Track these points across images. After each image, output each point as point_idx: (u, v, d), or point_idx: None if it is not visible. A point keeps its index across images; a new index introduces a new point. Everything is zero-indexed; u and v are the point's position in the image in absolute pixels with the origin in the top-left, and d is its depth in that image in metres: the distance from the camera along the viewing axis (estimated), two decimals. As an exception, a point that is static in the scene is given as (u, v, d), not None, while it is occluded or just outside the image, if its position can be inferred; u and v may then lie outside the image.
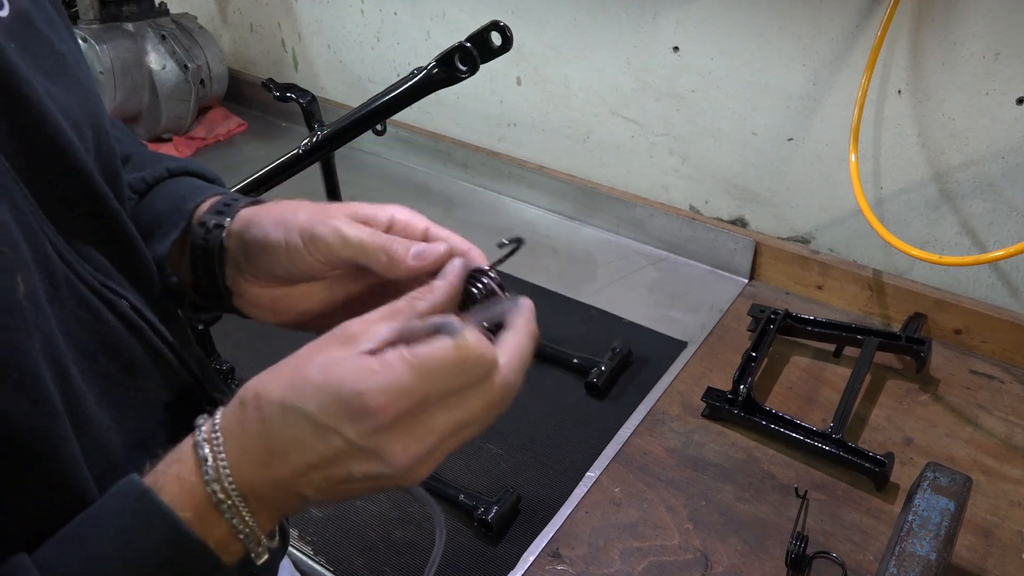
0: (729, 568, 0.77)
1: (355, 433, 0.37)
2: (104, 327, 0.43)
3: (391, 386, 0.37)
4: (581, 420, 0.95)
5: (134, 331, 0.45)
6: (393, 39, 1.42)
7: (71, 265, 0.42)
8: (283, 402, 0.38)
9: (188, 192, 0.54)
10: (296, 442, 0.38)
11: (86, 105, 0.45)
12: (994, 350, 1.01)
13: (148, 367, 0.46)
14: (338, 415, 0.37)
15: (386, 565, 0.79)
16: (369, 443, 0.38)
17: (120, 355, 0.44)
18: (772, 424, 0.89)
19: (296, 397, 0.38)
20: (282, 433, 0.38)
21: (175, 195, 0.54)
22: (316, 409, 0.37)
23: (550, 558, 0.78)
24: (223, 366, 0.98)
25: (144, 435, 0.46)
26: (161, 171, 0.55)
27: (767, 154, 1.10)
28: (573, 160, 1.31)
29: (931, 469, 0.75)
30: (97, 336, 0.43)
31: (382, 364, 0.37)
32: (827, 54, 0.99)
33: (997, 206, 0.96)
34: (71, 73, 0.45)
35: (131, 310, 0.45)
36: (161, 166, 0.56)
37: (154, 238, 0.52)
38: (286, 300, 0.51)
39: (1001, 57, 0.88)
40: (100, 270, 0.44)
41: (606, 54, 1.17)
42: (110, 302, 0.44)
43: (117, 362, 0.44)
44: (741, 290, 1.14)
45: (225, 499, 0.38)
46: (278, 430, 0.38)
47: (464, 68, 0.81)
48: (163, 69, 1.48)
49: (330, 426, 0.37)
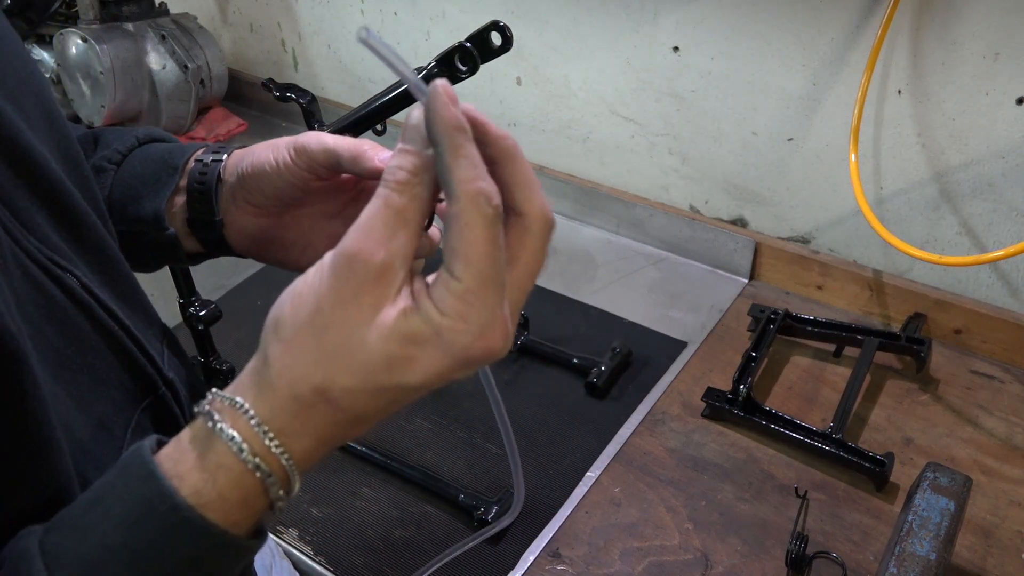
0: (729, 568, 0.77)
1: (471, 370, 0.37)
2: (50, 301, 0.43)
3: (487, 318, 0.35)
4: (581, 420, 0.95)
5: (81, 307, 0.45)
6: (393, 39, 1.42)
7: (15, 238, 0.41)
8: (374, 385, 0.36)
9: (170, 153, 0.57)
10: (395, 403, 0.37)
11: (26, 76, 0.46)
12: (994, 350, 1.01)
13: (97, 344, 0.46)
14: (452, 369, 0.36)
15: (386, 565, 0.79)
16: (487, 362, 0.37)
17: (68, 330, 0.44)
18: (772, 424, 0.89)
19: (390, 377, 0.35)
20: (377, 408, 0.37)
21: (155, 157, 0.57)
22: (423, 377, 0.35)
23: (550, 558, 0.78)
24: (223, 366, 0.98)
25: (103, 417, 0.46)
26: (131, 140, 0.58)
27: (767, 154, 1.10)
28: (573, 160, 1.31)
29: (931, 469, 0.75)
30: (43, 310, 0.42)
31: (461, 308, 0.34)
32: (827, 54, 0.99)
33: (997, 206, 0.96)
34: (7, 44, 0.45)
35: (79, 286, 0.44)
36: (130, 135, 0.59)
37: (145, 197, 0.55)
38: (273, 231, 0.55)
39: (1001, 57, 0.88)
40: (48, 244, 0.44)
41: (606, 54, 1.17)
42: (56, 276, 0.43)
43: (65, 337, 0.43)
44: (741, 290, 1.14)
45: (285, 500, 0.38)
46: (372, 409, 0.37)
47: (464, 68, 0.81)
48: (163, 69, 1.48)
49: (443, 379, 0.36)
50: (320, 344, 0.36)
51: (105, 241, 0.49)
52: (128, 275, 0.52)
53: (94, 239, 0.48)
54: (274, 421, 0.37)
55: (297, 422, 0.37)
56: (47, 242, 0.44)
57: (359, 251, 0.35)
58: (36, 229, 0.43)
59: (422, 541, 0.81)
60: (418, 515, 0.84)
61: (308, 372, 0.36)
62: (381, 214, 0.35)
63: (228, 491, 0.36)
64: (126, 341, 0.48)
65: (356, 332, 0.35)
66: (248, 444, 0.36)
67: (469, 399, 0.97)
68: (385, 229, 0.35)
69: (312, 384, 0.36)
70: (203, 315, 0.94)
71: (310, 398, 0.36)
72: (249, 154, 0.54)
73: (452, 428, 0.93)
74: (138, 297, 0.53)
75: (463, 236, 0.34)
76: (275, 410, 0.37)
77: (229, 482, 0.36)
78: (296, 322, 0.37)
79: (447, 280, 0.35)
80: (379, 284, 0.35)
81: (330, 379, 0.36)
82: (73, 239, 0.46)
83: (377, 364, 0.35)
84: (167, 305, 1.02)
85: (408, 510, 0.85)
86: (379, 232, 0.35)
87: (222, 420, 0.37)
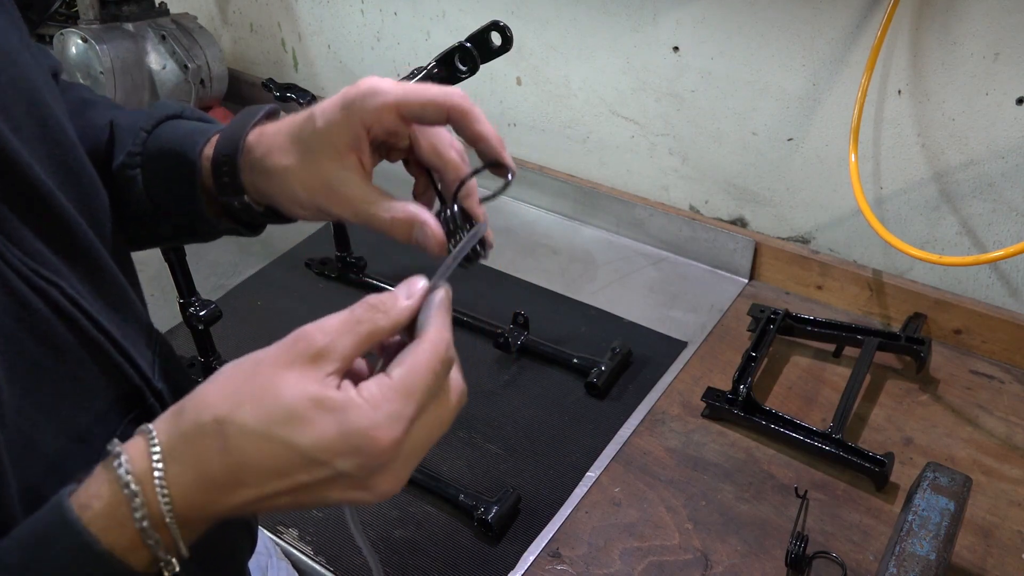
0: (729, 568, 0.77)
1: (352, 467, 0.37)
2: (32, 315, 0.42)
3: (391, 417, 0.37)
4: (581, 420, 0.95)
5: (65, 319, 0.44)
6: (393, 39, 1.42)
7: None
8: (266, 432, 0.37)
9: (184, 140, 0.55)
10: (275, 471, 0.37)
11: (18, 82, 0.45)
12: (994, 350, 1.01)
13: (81, 356, 0.46)
14: (338, 451, 0.37)
15: (386, 565, 0.79)
16: (363, 475, 0.38)
17: (49, 342, 0.44)
18: (772, 424, 0.89)
19: (283, 429, 0.37)
20: (258, 463, 0.37)
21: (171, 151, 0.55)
22: (310, 443, 0.37)
23: (550, 558, 0.78)
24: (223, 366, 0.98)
25: (83, 429, 0.46)
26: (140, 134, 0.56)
27: (767, 154, 1.10)
28: (573, 160, 1.31)
29: (931, 469, 0.75)
30: (24, 324, 0.42)
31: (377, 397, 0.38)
32: (827, 54, 0.99)
33: (997, 206, 0.96)
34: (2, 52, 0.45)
35: (63, 297, 0.44)
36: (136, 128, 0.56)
37: (178, 203, 0.55)
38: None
39: (1001, 57, 0.88)
40: (31, 255, 0.43)
41: (606, 54, 1.17)
42: (39, 289, 0.43)
43: (46, 349, 0.43)
44: (741, 290, 1.14)
45: (156, 535, 0.37)
46: (255, 459, 0.37)
47: (464, 68, 0.81)
48: (163, 69, 1.48)
49: (324, 460, 0.37)
50: (241, 385, 0.38)
51: (95, 249, 0.49)
52: (119, 283, 0.51)
53: (83, 247, 0.48)
54: (168, 444, 0.38)
55: (188, 449, 0.38)
56: (32, 254, 0.44)
57: (308, 332, 0.39)
58: (22, 241, 0.43)
59: (422, 541, 0.81)
60: (418, 515, 0.84)
61: (218, 403, 0.38)
62: (342, 317, 0.40)
63: (108, 506, 0.37)
64: (112, 352, 0.47)
65: (277, 384, 0.38)
66: (132, 464, 0.37)
67: (469, 399, 0.96)
68: (340, 327, 0.39)
69: (215, 414, 0.37)
70: (203, 315, 0.94)
71: (208, 427, 0.37)
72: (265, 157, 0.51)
73: (452, 428, 0.92)
74: (129, 305, 0.52)
75: (416, 355, 0.39)
76: (174, 436, 0.38)
77: (111, 499, 0.37)
78: (233, 368, 0.39)
79: (380, 376, 0.39)
80: (312, 362, 0.38)
81: (233, 413, 0.37)
82: (61, 248, 0.46)
83: (279, 413, 0.37)
84: (167, 305, 1.03)
85: (408, 510, 0.85)
86: (332, 327, 0.39)
87: (120, 443, 0.38)
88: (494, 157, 0.49)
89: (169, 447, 0.38)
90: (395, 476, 0.39)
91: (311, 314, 0.41)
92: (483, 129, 0.48)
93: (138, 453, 0.38)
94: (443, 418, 0.42)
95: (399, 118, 0.47)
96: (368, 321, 0.40)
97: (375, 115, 0.47)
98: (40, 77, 0.48)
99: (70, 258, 0.47)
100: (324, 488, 0.38)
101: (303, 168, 0.49)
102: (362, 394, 0.38)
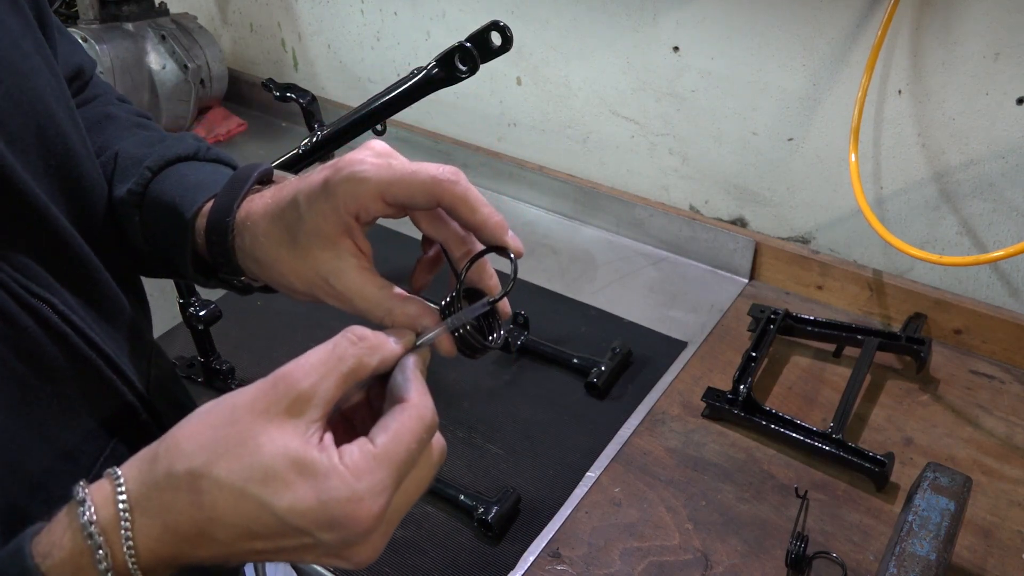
0: (729, 568, 0.77)
1: (332, 538, 0.36)
2: (20, 332, 0.42)
3: (374, 489, 0.36)
4: (581, 420, 0.95)
5: (55, 337, 0.43)
6: (393, 39, 1.42)
7: None
8: (241, 489, 0.35)
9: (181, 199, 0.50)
10: (247, 531, 0.36)
11: (18, 92, 0.44)
12: (994, 350, 1.01)
13: (70, 373, 0.45)
14: (316, 521, 0.35)
15: (386, 565, 0.79)
16: (340, 546, 0.37)
17: (37, 360, 0.43)
18: (772, 424, 0.89)
19: (260, 488, 0.35)
20: (231, 521, 0.36)
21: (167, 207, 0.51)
22: (287, 508, 0.35)
23: (550, 558, 0.78)
24: (223, 366, 0.98)
25: (70, 447, 0.45)
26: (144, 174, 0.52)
27: (767, 154, 1.10)
28: (573, 160, 1.31)
29: (931, 469, 0.75)
30: (10, 342, 0.41)
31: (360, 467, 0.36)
32: (827, 54, 0.99)
33: (997, 206, 0.96)
34: (0, 60, 0.43)
35: (54, 314, 0.43)
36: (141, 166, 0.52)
37: (171, 256, 0.51)
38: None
39: (1001, 57, 0.88)
40: (22, 271, 0.43)
41: (606, 54, 1.17)
42: (30, 306, 0.42)
43: (32, 367, 0.42)
44: (741, 290, 1.14)
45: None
46: (226, 517, 0.35)
47: (464, 68, 0.81)
48: (163, 69, 1.48)
49: (300, 527, 0.35)
50: (218, 435, 0.36)
51: (91, 263, 0.48)
52: (114, 295, 0.50)
53: (78, 261, 0.47)
54: (137, 493, 0.36)
55: (156, 500, 0.36)
56: (24, 270, 0.43)
57: (288, 374, 0.37)
58: (13, 257, 0.43)
59: (422, 541, 0.81)
60: (418, 515, 0.84)
61: (192, 454, 0.36)
62: (324, 354, 0.38)
63: (70, 555, 0.35)
64: (104, 368, 0.46)
65: (256, 436, 0.36)
66: (98, 512, 0.36)
67: (469, 399, 0.97)
68: (322, 368, 0.37)
69: (189, 466, 0.36)
70: (203, 315, 0.94)
71: (182, 479, 0.36)
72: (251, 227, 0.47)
73: (452, 428, 0.93)
74: (124, 318, 0.51)
75: (401, 422, 0.37)
76: (144, 484, 0.36)
77: (73, 547, 0.36)
78: (209, 413, 0.38)
79: (364, 442, 0.37)
80: (291, 408, 0.36)
81: (208, 466, 0.36)
82: (55, 263, 0.45)
83: (257, 472, 0.35)
84: (167, 305, 1.02)
85: (408, 510, 0.84)
86: (314, 367, 0.37)
87: (87, 486, 0.37)
88: (497, 243, 0.44)
89: (138, 497, 0.36)
90: (373, 546, 0.38)
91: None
92: (480, 218, 0.43)
93: (103, 500, 0.36)
94: (424, 480, 0.40)
95: (386, 204, 0.43)
96: (352, 358, 0.38)
97: (359, 203, 0.42)
98: (48, 84, 0.47)
99: (63, 273, 0.46)
100: (297, 552, 0.37)
101: (294, 259, 0.45)
102: (344, 460, 0.36)
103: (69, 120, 0.48)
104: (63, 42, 0.55)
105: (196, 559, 0.37)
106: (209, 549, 0.37)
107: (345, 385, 0.38)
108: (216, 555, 0.37)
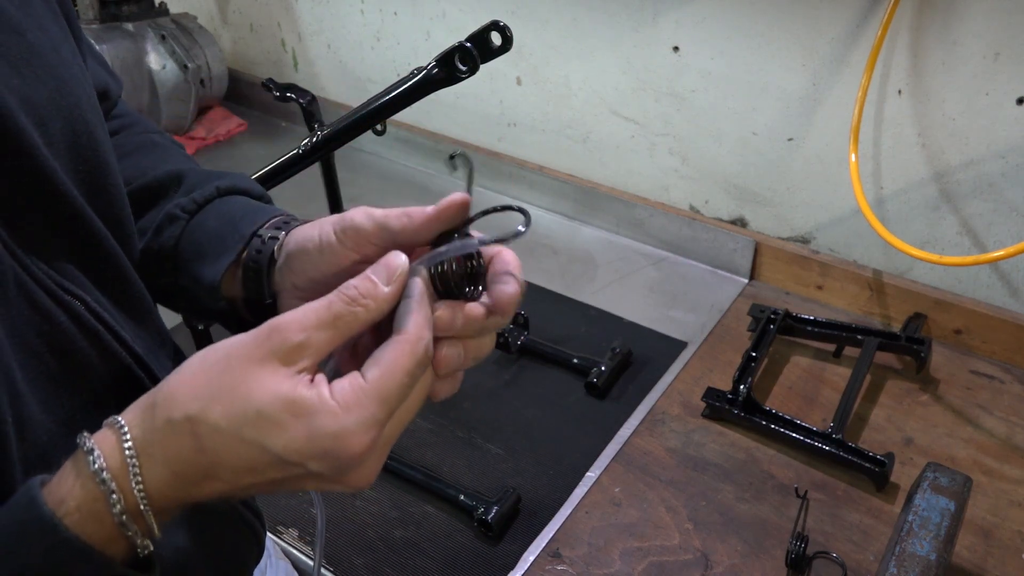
0: (729, 568, 0.77)
1: (323, 468, 0.37)
2: (54, 328, 0.43)
3: (363, 423, 0.37)
4: (581, 420, 0.95)
5: (87, 333, 0.44)
6: (393, 39, 1.42)
7: (24, 264, 0.41)
8: (238, 433, 0.37)
9: (242, 214, 0.53)
10: (247, 469, 0.38)
11: (59, 97, 0.45)
12: (994, 350, 1.01)
13: (101, 370, 0.46)
14: (309, 454, 0.37)
15: (386, 565, 0.79)
16: (335, 474, 0.38)
17: (69, 357, 0.44)
18: (772, 424, 0.89)
19: (254, 431, 0.37)
20: (232, 462, 0.37)
21: (227, 216, 0.54)
22: (282, 447, 0.37)
23: (550, 558, 0.78)
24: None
25: None
26: (211, 191, 0.55)
27: (767, 154, 1.10)
28: (573, 160, 1.31)
29: (931, 469, 0.75)
30: (45, 337, 0.42)
31: (350, 400, 0.37)
32: (827, 54, 0.99)
33: (997, 206, 0.96)
34: (45, 64, 0.44)
35: (86, 311, 0.44)
36: (211, 185, 0.55)
37: (206, 260, 0.52)
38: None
39: (1001, 57, 0.88)
40: (57, 270, 0.44)
41: (606, 54, 1.17)
42: (63, 302, 0.43)
43: (64, 364, 0.43)
44: (741, 290, 1.14)
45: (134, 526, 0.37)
46: (227, 459, 0.37)
47: (464, 68, 0.81)
48: (163, 69, 1.48)
49: (295, 462, 0.37)
50: (212, 382, 0.38)
51: (121, 263, 0.49)
52: (142, 296, 0.51)
53: (110, 261, 0.48)
54: (142, 440, 0.38)
55: (160, 446, 0.38)
56: (58, 267, 0.44)
57: (282, 325, 0.38)
58: (48, 255, 0.43)
59: (422, 541, 0.81)
60: (418, 515, 0.84)
61: (189, 400, 0.37)
62: (318, 309, 0.39)
63: (84, 502, 0.37)
64: (133, 366, 0.47)
65: (248, 382, 0.37)
66: (107, 460, 0.37)
67: (469, 399, 0.97)
68: (315, 320, 0.38)
69: (186, 412, 0.37)
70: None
71: (181, 425, 0.37)
72: (297, 231, 0.50)
73: (452, 428, 0.93)
74: (151, 318, 0.53)
75: (393, 357, 0.38)
76: (146, 431, 0.38)
77: (85, 494, 0.37)
78: (204, 360, 0.39)
79: (355, 376, 0.38)
80: (286, 359, 0.38)
81: (204, 412, 0.37)
82: (87, 261, 0.46)
83: (251, 415, 0.37)
84: (167, 305, 1.02)
85: (408, 510, 0.85)
86: (308, 320, 0.38)
87: (91, 437, 0.38)
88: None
89: (142, 443, 0.38)
90: (368, 470, 0.39)
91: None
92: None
93: (110, 448, 0.38)
94: (415, 406, 0.41)
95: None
96: (347, 315, 0.39)
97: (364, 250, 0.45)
98: (84, 92, 0.48)
99: (96, 270, 0.47)
100: (297, 482, 0.39)
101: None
102: (335, 395, 0.37)
103: (101, 130, 0.49)
104: (91, 60, 0.56)
105: (201, 497, 0.39)
106: (213, 487, 0.38)
107: (338, 340, 0.39)
108: (220, 492, 0.39)
